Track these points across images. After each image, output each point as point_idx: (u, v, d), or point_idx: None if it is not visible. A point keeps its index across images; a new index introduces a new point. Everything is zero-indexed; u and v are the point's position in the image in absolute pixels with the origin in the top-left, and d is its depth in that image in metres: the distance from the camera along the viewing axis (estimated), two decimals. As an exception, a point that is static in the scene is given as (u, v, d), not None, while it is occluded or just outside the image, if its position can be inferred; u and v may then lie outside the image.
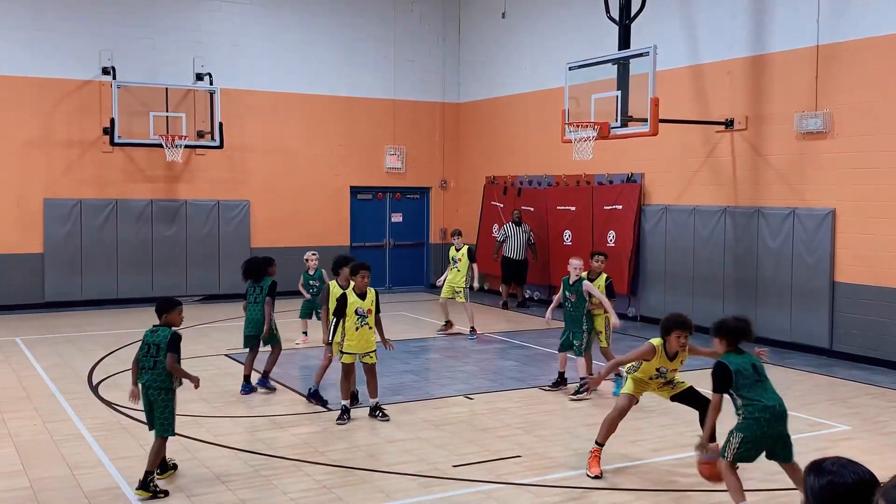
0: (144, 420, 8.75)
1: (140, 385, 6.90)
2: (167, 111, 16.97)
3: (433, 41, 20.38)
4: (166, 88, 17.10)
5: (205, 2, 17.95)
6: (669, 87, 14.02)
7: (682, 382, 7.43)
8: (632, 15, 13.63)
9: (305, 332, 13.17)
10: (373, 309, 8.74)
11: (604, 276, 10.29)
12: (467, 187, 20.57)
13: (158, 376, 6.80)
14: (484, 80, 19.87)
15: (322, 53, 19.10)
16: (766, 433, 6.13)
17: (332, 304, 9.00)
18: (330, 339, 8.96)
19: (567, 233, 17.12)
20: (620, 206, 15.80)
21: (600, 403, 9.68)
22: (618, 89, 13.06)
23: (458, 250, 14.42)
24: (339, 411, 8.79)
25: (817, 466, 2.74)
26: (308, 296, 13.09)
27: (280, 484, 6.93)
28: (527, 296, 18.12)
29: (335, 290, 9.26)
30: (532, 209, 18.02)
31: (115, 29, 17.08)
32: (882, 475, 2.76)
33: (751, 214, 13.49)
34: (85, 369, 11.20)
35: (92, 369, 11.20)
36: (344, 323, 8.73)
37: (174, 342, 6.82)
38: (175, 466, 7.21)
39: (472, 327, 14.15)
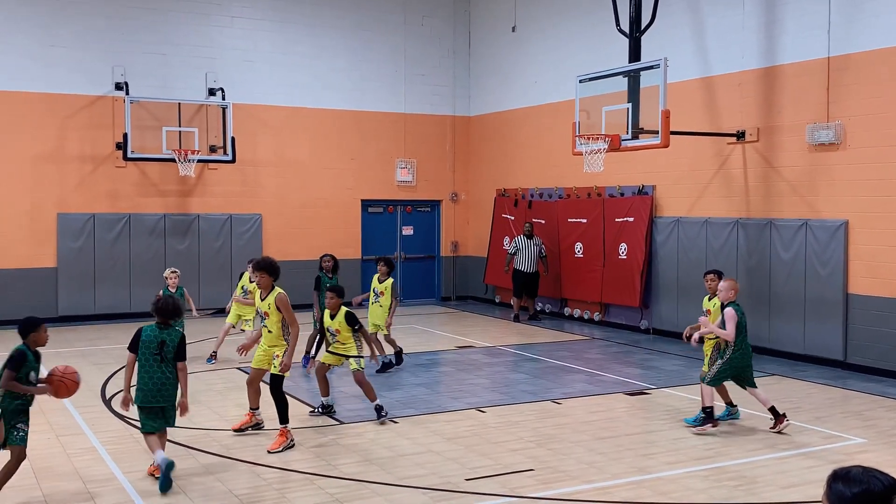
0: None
1: None
2: (180, 126, 17.07)
3: (443, 55, 20.46)
4: (179, 103, 17.22)
5: (216, 17, 18.08)
6: (680, 99, 14.03)
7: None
8: (642, 27, 13.65)
9: None
10: (340, 329, 9.22)
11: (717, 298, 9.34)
12: (478, 200, 20.59)
13: None
14: (494, 93, 19.92)
15: (333, 67, 19.20)
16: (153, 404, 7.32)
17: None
18: (314, 354, 9.81)
19: (578, 245, 17.10)
20: (632, 219, 15.78)
21: (614, 418, 9.66)
22: (628, 101, 13.07)
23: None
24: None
25: (845, 475, 2.76)
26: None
27: (293, 498, 6.92)
28: (538, 308, 18.10)
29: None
30: (543, 222, 18.01)
31: (127, 44, 17.21)
32: (898, 488, 2.76)
33: (763, 226, 13.45)
34: (98, 383, 11.23)
35: (105, 383, 11.25)
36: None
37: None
38: None
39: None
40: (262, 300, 8.42)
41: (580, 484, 7.31)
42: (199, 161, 16.93)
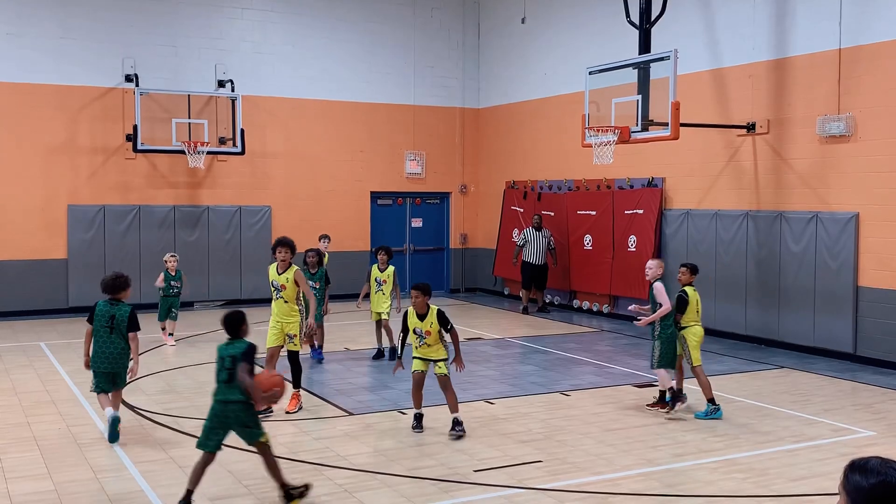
0: (163, 423, 8.85)
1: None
2: (189, 118, 17.10)
3: (453, 47, 20.42)
4: (188, 95, 17.25)
5: (226, 9, 18.10)
6: (690, 90, 13.98)
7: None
8: (652, 19, 13.60)
9: (171, 334, 13.69)
10: (431, 330, 8.43)
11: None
12: (487, 192, 20.58)
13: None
14: (503, 85, 19.88)
15: (342, 60, 19.20)
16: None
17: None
18: (399, 354, 8.92)
19: (587, 237, 17.08)
20: (641, 211, 15.75)
21: (622, 410, 9.65)
22: (638, 93, 13.03)
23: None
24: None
25: (862, 466, 2.75)
26: (161, 294, 13.78)
27: (302, 488, 6.94)
28: (547, 301, 18.09)
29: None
30: (552, 214, 17.99)
31: (137, 36, 17.25)
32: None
33: (773, 219, 13.41)
34: (108, 374, 11.26)
35: (115, 374, 11.27)
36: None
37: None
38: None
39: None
40: (280, 274, 9.25)
41: (588, 476, 7.32)
42: (208, 153, 16.96)
